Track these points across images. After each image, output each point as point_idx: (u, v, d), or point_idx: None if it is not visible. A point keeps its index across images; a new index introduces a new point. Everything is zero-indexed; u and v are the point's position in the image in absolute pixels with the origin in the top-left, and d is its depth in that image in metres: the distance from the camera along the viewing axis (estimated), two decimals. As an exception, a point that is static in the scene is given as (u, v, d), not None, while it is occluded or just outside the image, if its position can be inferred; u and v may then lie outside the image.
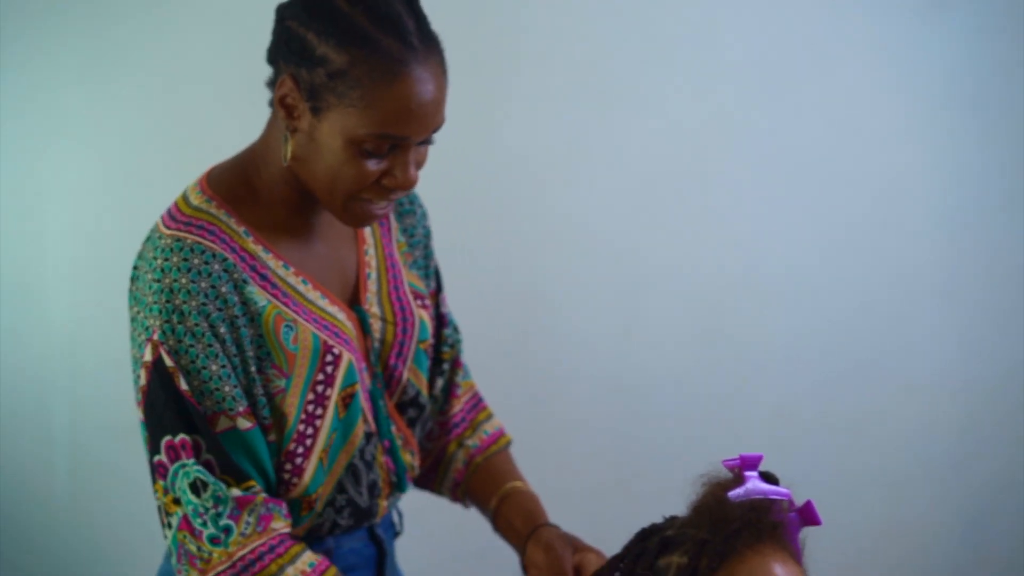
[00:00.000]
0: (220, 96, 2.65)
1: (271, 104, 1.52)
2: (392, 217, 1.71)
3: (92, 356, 2.82)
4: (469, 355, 2.84)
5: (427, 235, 1.77)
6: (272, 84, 1.50)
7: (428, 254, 1.77)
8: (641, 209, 2.95)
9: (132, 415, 1.65)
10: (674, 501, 1.43)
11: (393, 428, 1.65)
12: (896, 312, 3.00)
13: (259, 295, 1.49)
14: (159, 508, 1.50)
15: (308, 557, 1.50)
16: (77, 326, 2.85)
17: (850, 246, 2.99)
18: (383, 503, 1.65)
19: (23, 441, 3.02)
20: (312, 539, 1.61)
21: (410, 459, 1.69)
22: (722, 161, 2.97)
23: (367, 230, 1.65)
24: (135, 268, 1.52)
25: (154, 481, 1.49)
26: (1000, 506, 3.02)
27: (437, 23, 2.87)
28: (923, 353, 3.01)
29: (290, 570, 1.48)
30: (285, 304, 1.51)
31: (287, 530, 1.51)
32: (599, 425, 2.93)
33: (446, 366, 1.83)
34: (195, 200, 1.51)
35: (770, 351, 2.98)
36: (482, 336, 2.85)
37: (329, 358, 1.53)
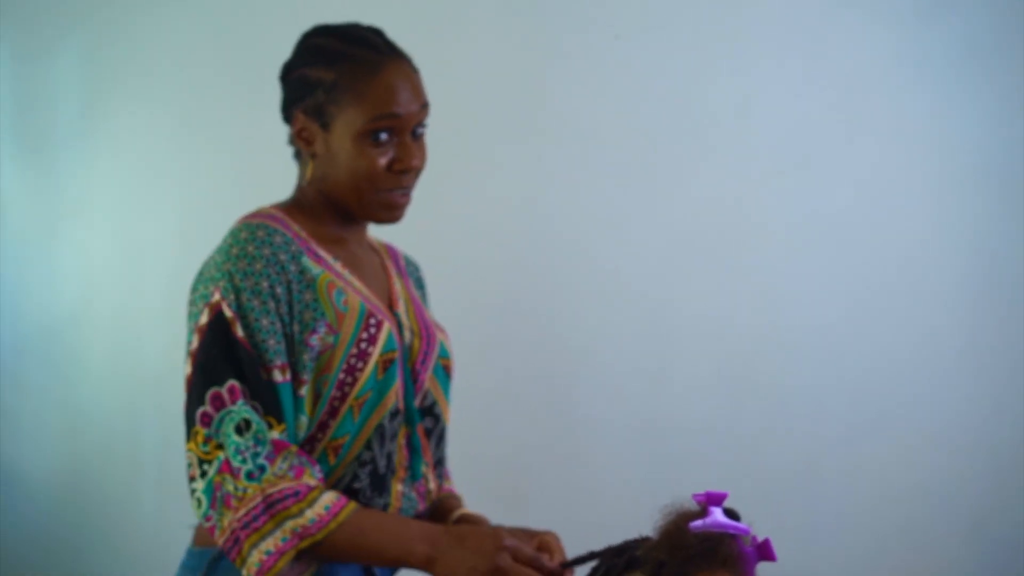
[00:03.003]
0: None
1: (295, 156, 1.80)
2: (411, 282, 1.94)
3: (180, 389, 3.00)
4: (512, 402, 2.92)
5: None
6: (290, 139, 1.79)
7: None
8: (675, 267, 3.03)
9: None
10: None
11: (417, 425, 1.80)
12: (920, 369, 3.01)
13: (313, 265, 1.71)
14: (192, 464, 1.63)
15: (325, 500, 1.62)
16: (167, 362, 2.87)
17: (876, 305, 3.01)
18: (396, 486, 1.77)
19: (116, 468, 3.23)
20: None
21: (424, 468, 1.82)
22: (753, 224, 3.03)
23: (392, 271, 1.88)
24: (203, 264, 1.74)
25: (192, 436, 1.63)
26: (1022, 559, 3.00)
27: (493, 97, 3.01)
28: (946, 409, 3.01)
29: (309, 512, 1.59)
30: (336, 277, 1.73)
31: (315, 485, 1.62)
32: (631, 465, 2.99)
33: None
34: (260, 208, 1.78)
35: (796, 402, 3.01)
36: (526, 381, 3.01)
37: (373, 321, 1.72)
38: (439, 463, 1.88)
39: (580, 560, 1.60)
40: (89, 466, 3.26)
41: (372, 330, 1.71)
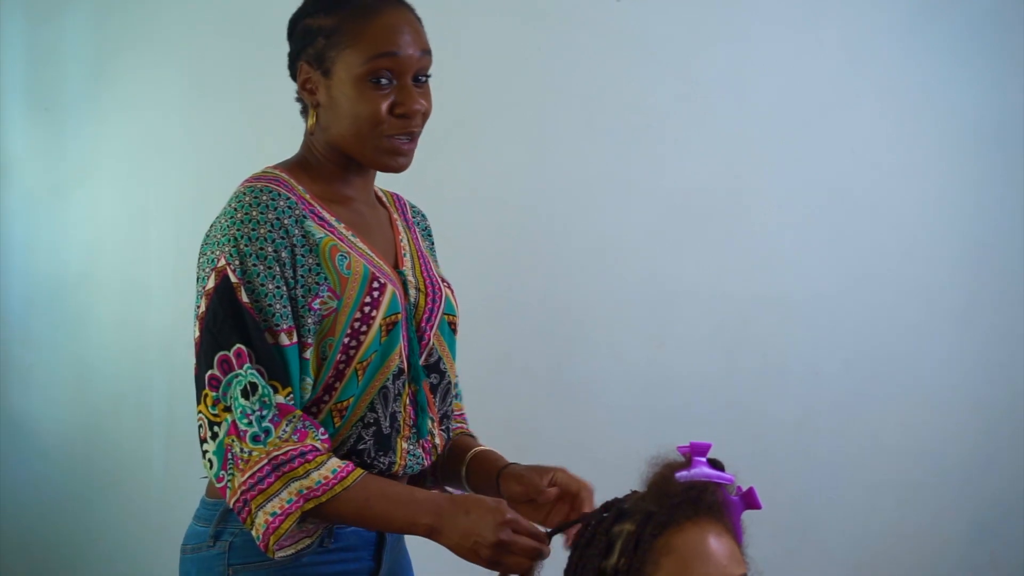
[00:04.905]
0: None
1: (302, 112, 1.80)
2: (418, 233, 1.95)
3: (188, 351, 3.00)
4: (517, 362, 2.89)
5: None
6: (297, 93, 1.79)
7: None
8: (674, 230, 3.05)
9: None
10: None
11: (422, 382, 1.83)
12: (915, 331, 3.04)
13: (317, 229, 1.71)
14: (203, 425, 1.66)
15: (332, 464, 1.64)
16: (174, 324, 3.03)
17: (872, 268, 3.03)
18: (402, 444, 1.79)
19: (125, 423, 3.25)
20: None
21: (430, 425, 1.84)
22: (751, 188, 3.05)
23: (399, 225, 1.89)
24: (210, 227, 1.74)
25: (202, 398, 1.65)
26: (1009, 514, 3.05)
27: (493, 67, 2.99)
28: (939, 370, 3.04)
29: (315, 474, 1.62)
30: (339, 240, 1.73)
31: (321, 448, 1.65)
32: (631, 427, 3.02)
33: None
34: (264, 169, 1.79)
35: (793, 364, 3.04)
36: (528, 346, 3.03)
37: (376, 285, 1.73)
38: (445, 418, 1.90)
39: (569, 524, 1.64)
40: (99, 421, 3.29)
41: (375, 294, 1.73)
